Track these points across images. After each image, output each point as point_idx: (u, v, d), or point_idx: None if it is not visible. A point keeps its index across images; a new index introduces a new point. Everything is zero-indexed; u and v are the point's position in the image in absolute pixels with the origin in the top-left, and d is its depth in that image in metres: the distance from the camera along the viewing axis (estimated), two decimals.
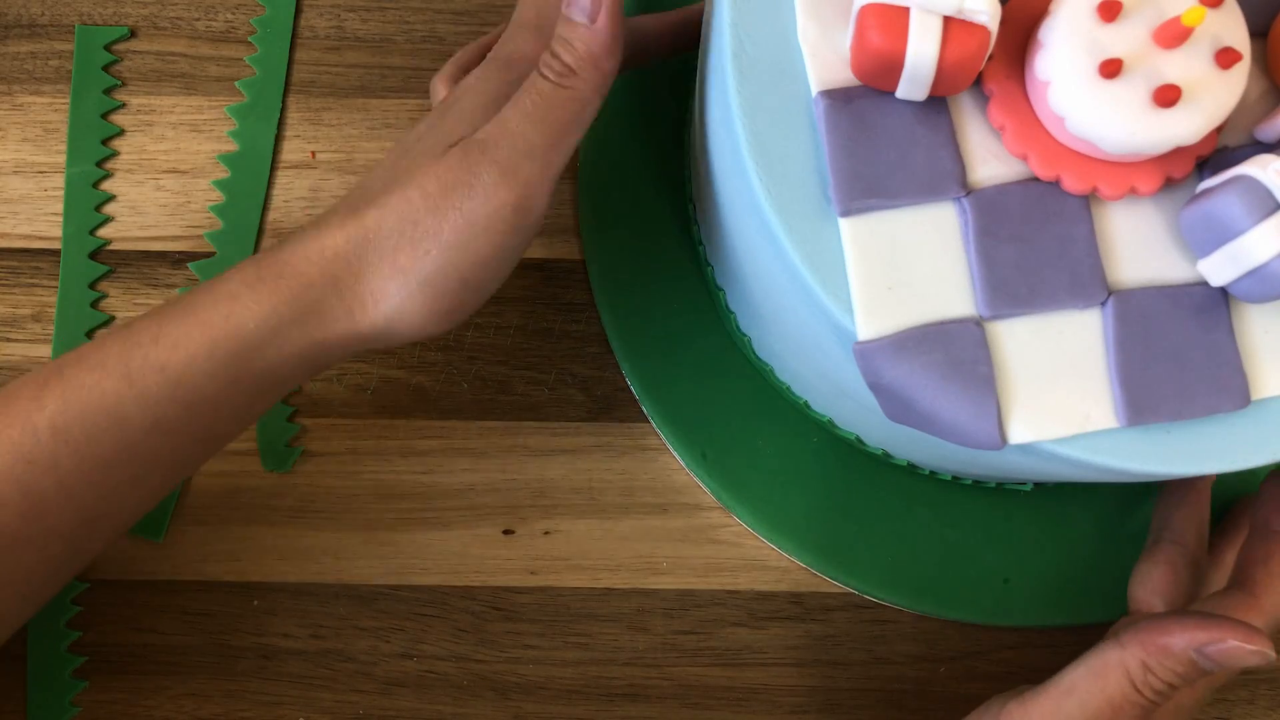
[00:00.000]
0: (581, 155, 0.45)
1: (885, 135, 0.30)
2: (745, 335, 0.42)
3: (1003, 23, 0.29)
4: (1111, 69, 0.27)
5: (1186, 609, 0.36)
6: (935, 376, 0.29)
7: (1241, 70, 0.28)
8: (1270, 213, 0.27)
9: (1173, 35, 0.27)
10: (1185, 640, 0.31)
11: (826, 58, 0.30)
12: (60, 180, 0.46)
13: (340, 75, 0.47)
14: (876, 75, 0.29)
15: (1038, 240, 0.30)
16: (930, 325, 0.30)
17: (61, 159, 0.46)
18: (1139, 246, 0.30)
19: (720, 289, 0.43)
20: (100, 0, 0.47)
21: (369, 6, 0.48)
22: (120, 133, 0.46)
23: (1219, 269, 0.29)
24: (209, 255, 0.45)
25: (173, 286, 0.45)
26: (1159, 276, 0.30)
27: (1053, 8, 0.28)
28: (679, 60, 0.45)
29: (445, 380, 0.45)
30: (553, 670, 0.43)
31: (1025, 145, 0.30)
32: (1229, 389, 0.30)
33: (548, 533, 0.44)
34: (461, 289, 0.33)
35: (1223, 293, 0.30)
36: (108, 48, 0.47)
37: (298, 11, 0.48)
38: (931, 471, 0.43)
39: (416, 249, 0.32)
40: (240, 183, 0.46)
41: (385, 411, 0.44)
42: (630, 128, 0.45)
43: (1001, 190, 0.30)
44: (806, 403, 0.42)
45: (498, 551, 0.44)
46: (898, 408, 0.31)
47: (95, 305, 0.45)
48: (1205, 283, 0.30)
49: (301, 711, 0.42)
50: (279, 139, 0.46)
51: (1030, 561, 0.43)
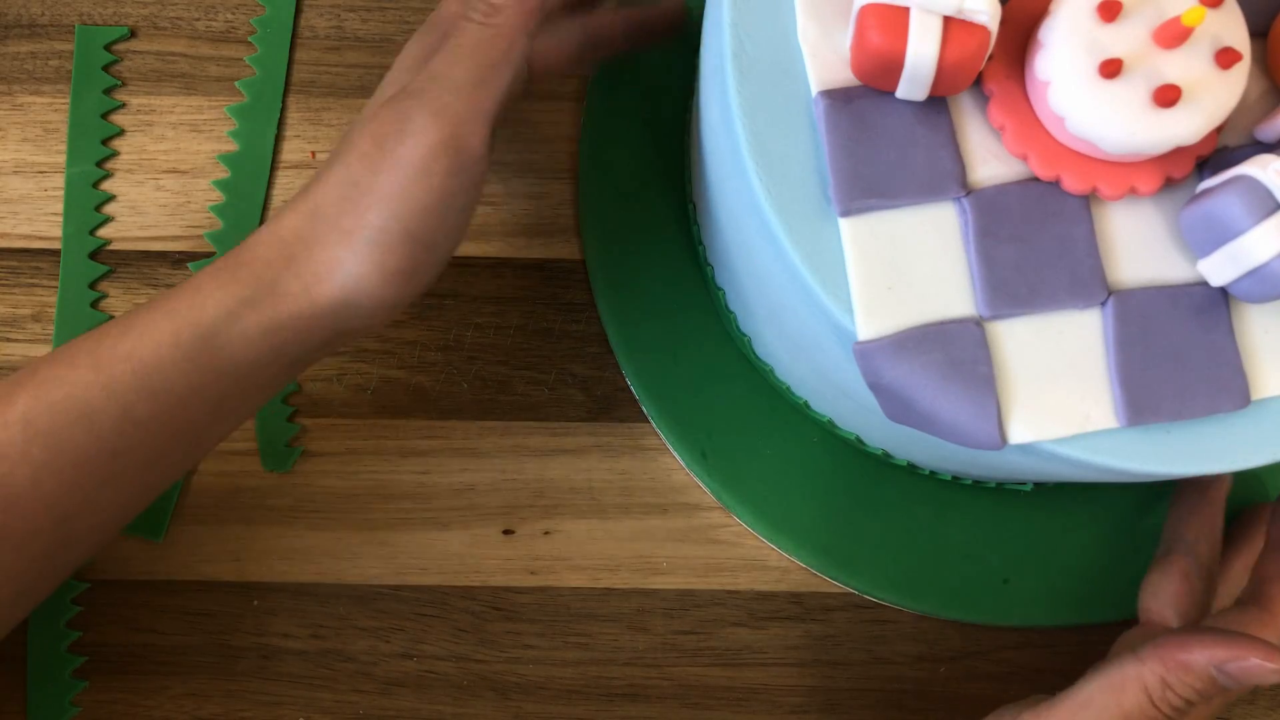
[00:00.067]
0: (581, 156, 0.45)
1: (885, 135, 0.30)
2: (745, 335, 0.42)
3: (1003, 23, 0.29)
4: (1111, 69, 0.27)
5: (1206, 625, 0.36)
6: (935, 376, 0.29)
7: (1241, 70, 0.28)
8: (1270, 213, 0.27)
9: (1173, 35, 0.27)
10: (1206, 657, 0.31)
11: (826, 58, 0.30)
12: (60, 180, 0.46)
13: (340, 75, 0.47)
14: (876, 75, 0.29)
15: (1038, 240, 0.30)
16: (930, 325, 0.30)
17: (61, 159, 0.46)
18: (1139, 246, 0.30)
19: (720, 289, 0.43)
20: (100, 0, 0.47)
21: (369, 6, 0.48)
22: (120, 133, 0.46)
23: (1219, 269, 0.29)
24: (209, 255, 0.45)
25: (172, 286, 0.45)
26: (1159, 276, 0.30)
27: (1053, 8, 0.28)
28: (679, 60, 0.45)
29: (445, 380, 0.45)
30: (553, 670, 0.43)
31: (1025, 145, 0.30)
32: (1229, 389, 0.30)
33: (548, 533, 0.44)
34: (410, 243, 0.33)
35: (1223, 293, 0.30)
36: (108, 48, 0.47)
37: (298, 11, 0.48)
38: (931, 471, 0.43)
39: (358, 208, 0.33)
40: (240, 183, 0.46)
41: (385, 411, 0.44)
42: (630, 128, 0.45)
43: (1001, 190, 0.30)
44: (806, 403, 0.42)
45: (498, 551, 0.44)
46: (898, 408, 0.31)
47: (95, 305, 0.45)
48: (1205, 283, 0.30)
49: (301, 711, 0.42)
50: (279, 139, 0.46)
51: (1030, 561, 0.43)
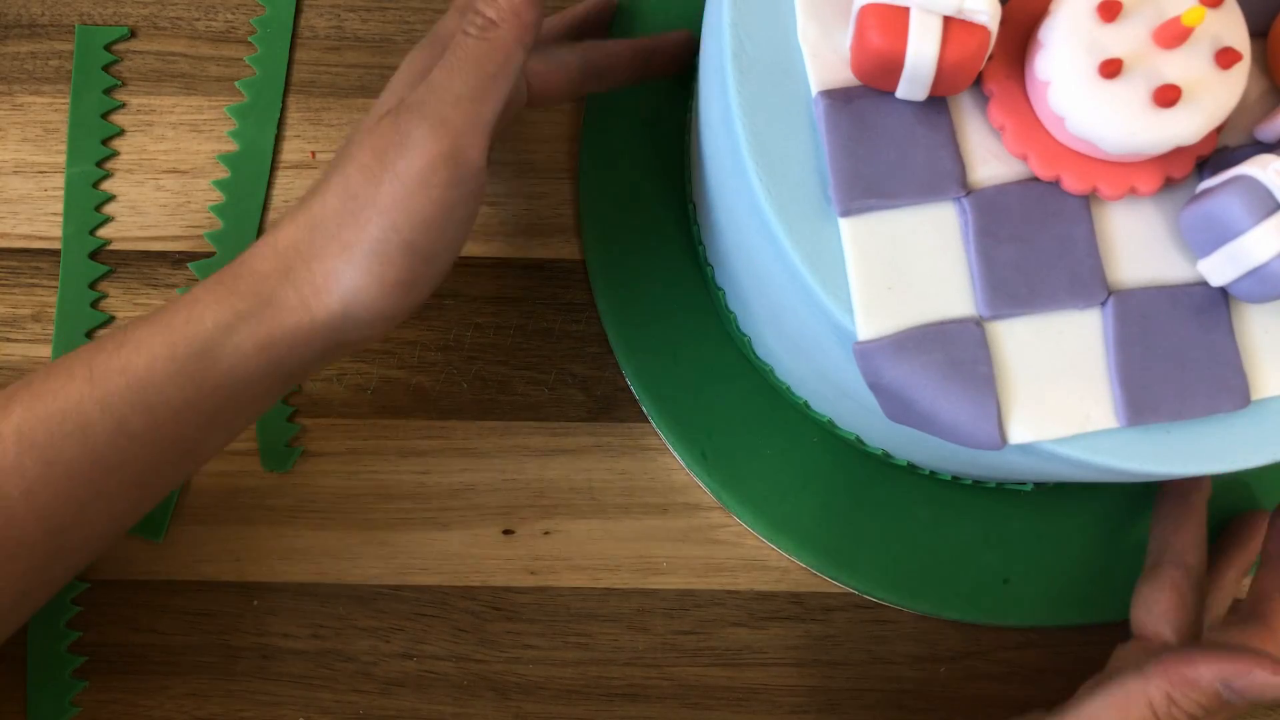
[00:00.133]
0: (581, 156, 0.45)
1: (885, 135, 0.30)
2: (745, 335, 0.42)
3: (1003, 23, 0.29)
4: (1111, 69, 0.27)
5: (1211, 641, 0.36)
6: (935, 376, 0.29)
7: (1241, 70, 0.28)
8: (1270, 213, 0.27)
9: (1173, 35, 0.27)
10: (1213, 672, 0.32)
11: (826, 58, 0.30)
12: (60, 180, 0.46)
13: (340, 75, 0.47)
14: (876, 75, 0.29)
15: (1038, 240, 0.30)
16: (930, 325, 0.30)
17: (61, 159, 0.46)
18: (1139, 246, 0.30)
19: (720, 289, 0.43)
20: (100, 0, 0.47)
21: (369, 6, 0.48)
22: (120, 133, 0.46)
23: (1219, 269, 0.29)
24: (209, 255, 0.45)
25: (173, 286, 0.45)
26: (1159, 276, 0.30)
27: (1053, 8, 0.28)
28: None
29: (445, 380, 0.45)
30: (553, 670, 0.43)
31: (1025, 145, 0.30)
32: (1229, 389, 0.30)
33: (548, 533, 0.44)
34: (410, 255, 0.33)
35: (1223, 293, 0.30)
36: (108, 48, 0.47)
37: (298, 11, 0.48)
38: (931, 471, 0.43)
39: (358, 220, 0.32)
40: (240, 183, 0.46)
41: (385, 411, 0.44)
42: (630, 128, 0.45)
43: (1001, 190, 0.30)
44: (806, 403, 0.42)
45: (497, 551, 0.44)
46: (898, 408, 0.31)
47: (95, 305, 0.45)
48: (1205, 283, 0.30)
49: (301, 711, 0.42)
50: (279, 139, 0.46)
51: (1030, 561, 0.43)
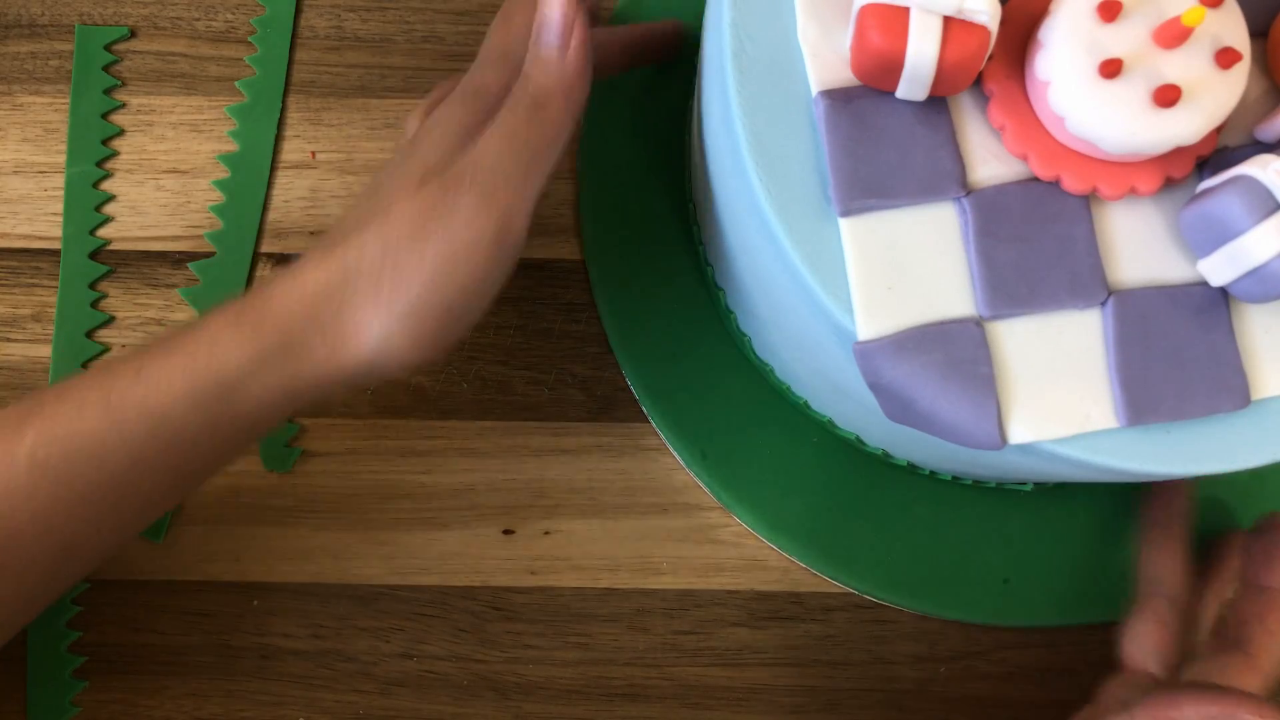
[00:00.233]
0: (581, 156, 0.45)
1: (885, 135, 0.30)
2: (745, 335, 0.42)
3: (1003, 23, 0.29)
4: (1111, 69, 0.27)
5: (1192, 678, 0.36)
6: (935, 376, 0.29)
7: (1241, 70, 0.28)
8: (1270, 213, 0.27)
9: (1173, 35, 0.27)
10: (1197, 713, 0.32)
11: (826, 58, 0.30)
12: (60, 180, 0.46)
13: (340, 75, 0.47)
14: (876, 75, 0.29)
15: (1038, 240, 0.30)
16: (930, 325, 0.30)
17: (61, 159, 0.46)
18: (1139, 246, 0.30)
19: (720, 289, 0.43)
20: (100, 0, 0.47)
21: (369, 6, 0.48)
22: (120, 133, 0.46)
23: (1219, 269, 0.29)
24: (209, 255, 0.45)
25: (173, 286, 0.45)
26: (1159, 276, 0.30)
27: (1053, 8, 0.28)
28: (679, 60, 0.45)
29: (445, 380, 0.45)
30: (553, 670, 0.43)
31: (1025, 145, 0.30)
32: (1229, 389, 0.30)
33: (548, 533, 0.44)
34: (446, 317, 0.33)
35: (1223, 293, 0.30)
36: (108, 48, 0.47)
37: (298, 11, 0.48)
38: (931, 471, 0.43)
39: (399, 279, 0.32)
40: (240, 183, 0.46)
41: (385, 411, 0.44)
42: (630, 128, 0.45)
43: (1001, 190, 0.30)
44: (806, 403, 0.42)
45: (498, 551, 0.44)
46: (898, 408, 0.31)
47: (95, 305, 0.45)
48: (1205, 283, 0.30)
49: (301, 711, 0.42)
50: (279, 139, 0.46)
51: (1030, 561, 0.43)
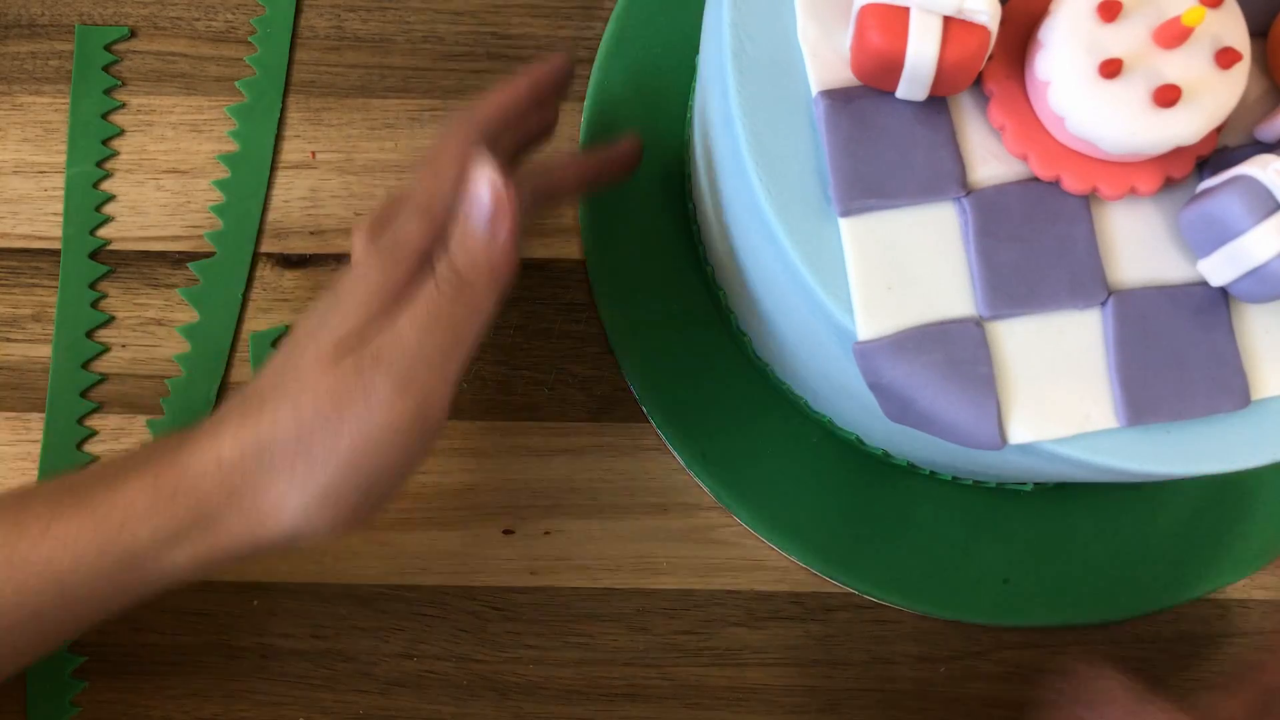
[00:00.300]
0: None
1: (885, 135, 0.30)
2: (745, 335, 0.42)
3: (1003, 23, 0.29)
4: (1111, 69, 0.27)
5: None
6: (935, 376, 0.29)
7: (1241, 70, 0.28)
8: (1270, 213, 0.27)
9: (1173, 35, 0.27)
10: None
11: (826, 58, 0.30)
12: (60, 180, 0.46)
13: (340, 75, 0.47)
14: (876, 75, 0.29)
15: (1038, 240, 0.30)
16: (930, 325, 0.30)
17: (61, 159, 0.46)
18: (1139, 246, 0.30)
19: (720, 289, 0.43)
20: (100, 0, 0.47)
21: (369, 6, 0.48)
22: (120, 133, 0.46)
23: (1219, 269, 0.29)
24: (209, 255, 0.45)
25: (173, 286, 0.45)
26: (1159, 276, 0.30)
27: (1053, 8, 0.28)
28: (679, 60, 0.45)
29: None
30: (553, 670, 0.43)
31: (1025, 145, 0.30)
32: (1229, 389, 0.30)
33: (548, 533, 0.44)
34: (364, 496, 0.32)
35: (1223, 293, 0.30)
36: (108, 48, 0.47)
37: (298, 11, 0.48)
38: (931, 471, 0.43)
39: (313, 462, 0.31)
40: (240, 183, 0.46)
41: None
42: (629, 128, 0.45)
43: (1001, 190, 0.30)
44: (806, 403, 0.42)
45: (498, 551, 0.44)
46: (898, 408, 0.31)
47: (95, 305, 0.45)
48: (1205, 283, 0.30)
49: (301, 711, 0.42)
50: (279, 139, 0.46)
51: (1030, 561, 0.43)
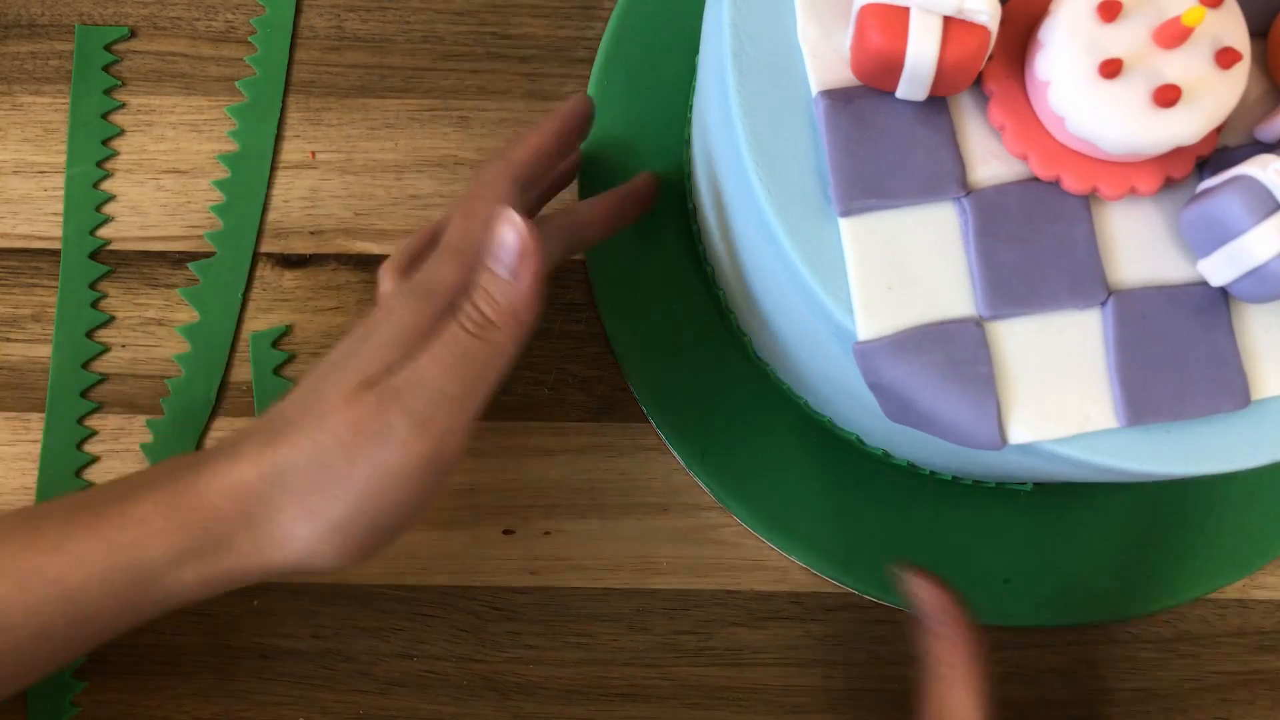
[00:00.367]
0: (581, 156, 0.45)
1: (885, 135, 0.30)
2: (745, 335, 0.42)
3: (1003, 23, 0.29)
4: (1111, 69, 0.27)
5: None
6: (935, 376, 0.29)
7: (1241, 70, 0.28)
8: (1270, 213, 0.27)
9: (1173, 35, 0.27)
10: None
11: (826, 58, 0.30)
12: (60, 180, 0.46)
13: (340, 75, 0.47)
14: (876, 75, 0.29)
15: (1038, 240, 0.30)
16: (930, 325, 0.30)
17: (61, 159, 0.46)
18: (1139, 246, 0.30)
19: (720, 289, 0.43)
20: (100, 0, 0.47)
21: (369, 6, 0.48)
22: (120, 133, 0.46)
23: (1219, 269, 0.29)
24: (209, 255, 0.45)
25: (172, 286, 0.45)
26: (1159, 276, 0.30)
27: (1053, 8, 0.28)
28: (679, 60, 0.45)
29: None
30: (553, 670, 0.43)
31: (1025, 145, 0.30)
32: (1229, 389, 0.30)
33: (548, 533, 0.44)
34: (374, 532, 0.33)
35: (1223, 293, 0.30)
36: (108, 48, 0.47)
37: (298, 11, 0.48)
38: (931, 471, 0.43)
39: (327, 493, 0.32)
40: (240, 183, 0.46)
41: None
42: (629, 128, 0.45)
43: (1001, 190, 0.30)
44: (806, 403, 0.42)
45: (498, 551, 0.44)
46: (898, 408, 0.31)
47: (95, 305, 0.45)
48: (1205, 283, 0.30)
49: (301, 711, 0.42)
50: (279, 139, 0.46)
51: (1030, 561, 0.43)
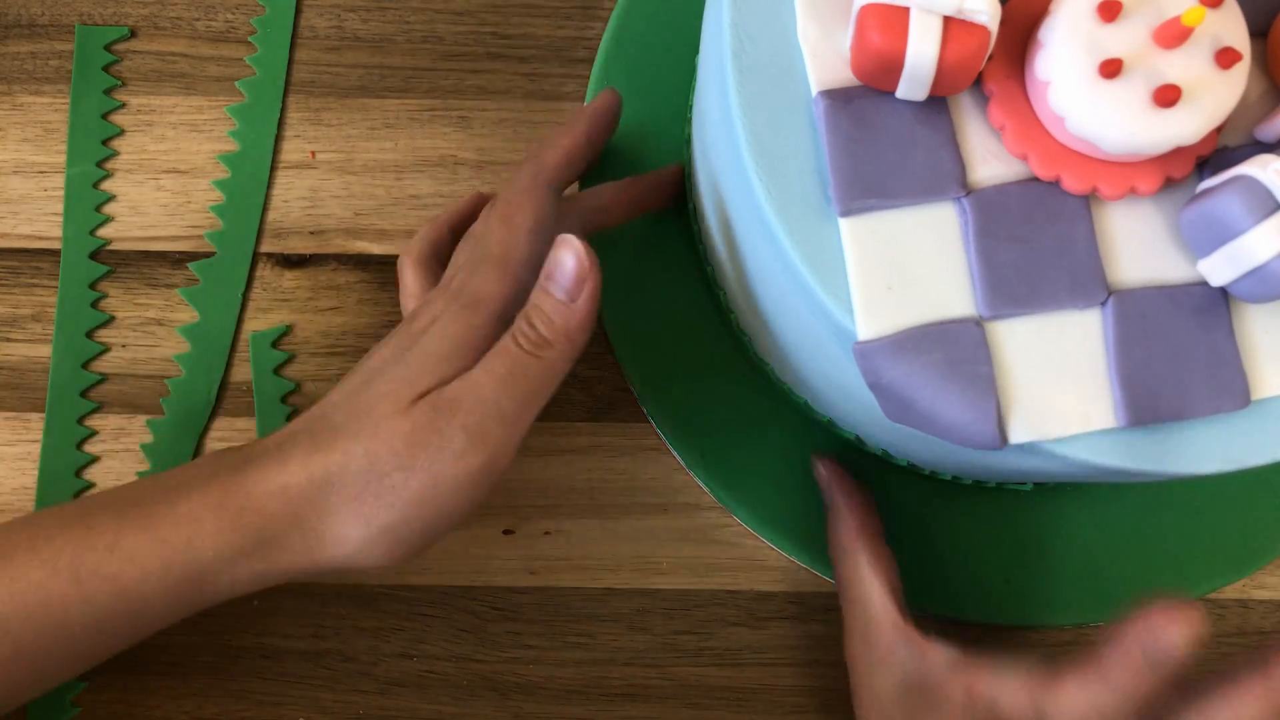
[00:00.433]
0: None
1: (885, 135, 0.30)
2: (745, 335, 0.42)
3: (1003, 23, 0.29)
4: (1111, 69, 0.27)
5: None
6: (935, 376, 0.29)
7: (1241, 70, 0.28)
8: (1270, 213, 0.27)
9: (1173, 35, 0.27)
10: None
11: (826, 58, 0.30)
12: (60, 180, 0.46)
13: (340, 75, 0.47)
14: (876, 75, 0.29)
15: (1038, 240, 0.30)
16: (930, 325, 0.30)
17: (61, 159, 0.46)
18: (1139, 246, 0.30)
19: (720, 289, 0.43)
20: (100, 0, 0.47)
21: (369, 6, 0.48)
22: (120, 133, 0.46)
23: (1219, 269, 0.29)
24: (209, 255, 0.45)
25: (172, 286, 0.45)
26: (1159, 276, 0.30)
27: (1053, 8, 0.28)
28: (679, 60, 0.45)
29: None
30: (553, 670, 0.43)
31: (1025, 145, 0.30)
32: (1229, 389, 0.30)
33: (548, 533, 0.44)
34: (424, 535, 0.33)
35: (1223, 293, 0.30)
36: (108, 48, 0.47)
37: (298, 11, 0.48)
38: (931, 471, 0.43)
39: (380, 500, 0.32)
40: (240, 183, 0.46)
41: None
42: (630, 129, 0.45)
43: (1001, 190, 0.30)
44: (806, 403, 0.42)
45: (498, 551, 0.44)
46: (898, 408, 0.31)
47: (95, 305, 0.45)
48: (1205, 283, 0.30)
49: (301, 711, 0.42)
50: (279, 139, 0.46)
51: (1030, 561, 0.43)
